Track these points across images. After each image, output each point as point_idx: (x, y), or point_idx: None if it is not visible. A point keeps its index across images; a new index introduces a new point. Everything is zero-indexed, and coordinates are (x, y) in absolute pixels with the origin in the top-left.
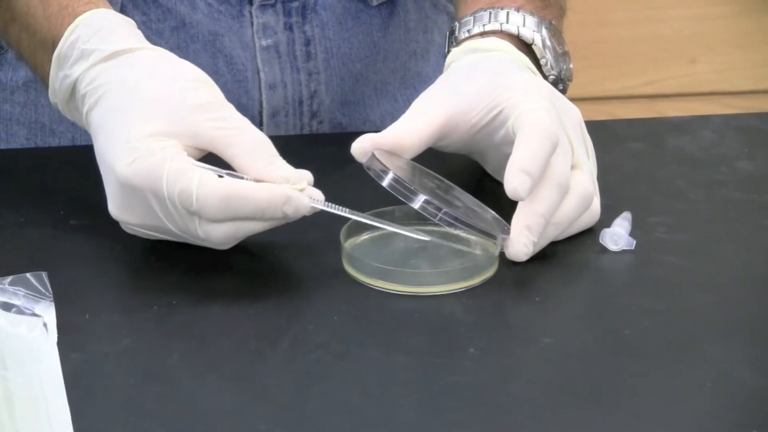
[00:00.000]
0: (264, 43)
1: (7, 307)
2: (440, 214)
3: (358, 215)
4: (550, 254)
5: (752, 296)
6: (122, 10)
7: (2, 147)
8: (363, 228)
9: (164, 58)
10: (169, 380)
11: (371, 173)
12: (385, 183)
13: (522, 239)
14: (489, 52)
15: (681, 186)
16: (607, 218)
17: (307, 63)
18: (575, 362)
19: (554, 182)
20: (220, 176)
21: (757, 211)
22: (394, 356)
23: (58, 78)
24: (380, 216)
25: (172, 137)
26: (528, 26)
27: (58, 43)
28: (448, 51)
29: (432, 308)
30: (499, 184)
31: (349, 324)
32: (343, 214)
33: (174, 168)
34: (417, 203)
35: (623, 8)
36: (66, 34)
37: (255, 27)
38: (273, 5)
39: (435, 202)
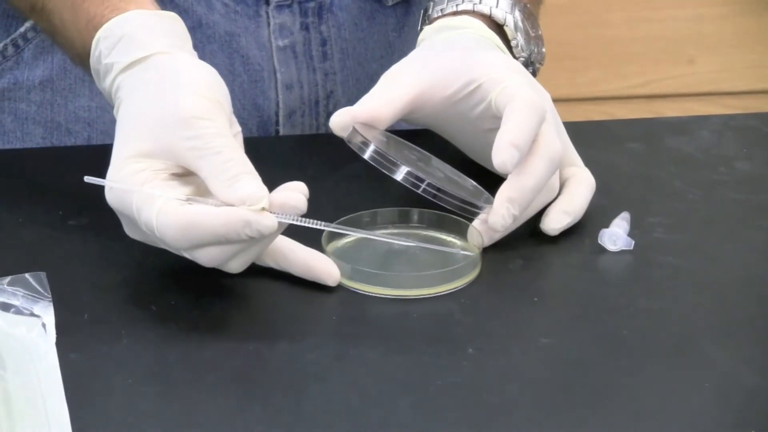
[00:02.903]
0: (280, 43)
1: (6, 307)
2: (423, 186)
3: (331, 227)
4: (548, 254)
5: (750, 296)
6: None
7: (18, 146)
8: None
9: (173, 64)
10: (167, 381)
11: (352, 146)
12: (366, 156)
13: (502, 211)
14: (460, 30)
15: (679, 186)
16: (605, 218)
17: (323, 63)
18: (573, 362)
19: (546, 156)
20: (190, 202)
21: (755, 211)
22: (392, 357)
23: (100, 89)
24: (373, 217)
25: (152, 157)
26: (501, 7)
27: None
28: (421, 29)
29: (430, 309)
30: (472, 164)
31: (346, 324)
32: (314, 227)
33: (139, 197)
34: (399, 175)
35: (621, 9)
36: (92, 49)
37: (271, 27)
38: (289, 5)
39: (417, 173)
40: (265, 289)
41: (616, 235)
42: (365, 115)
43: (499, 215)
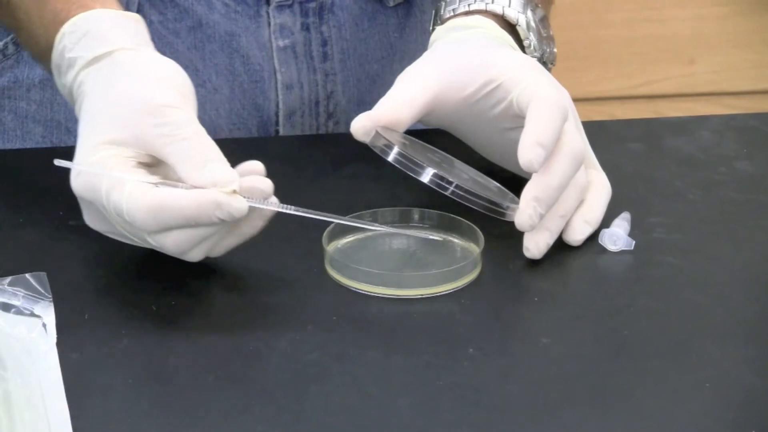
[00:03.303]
0: (281, 43)
1: (7, 307)
2: (452, 188)
3: (301, 211)
4: (548, 254)
5: (751, 296)
6: (139, 10)
7: (18, 145)
8: (346, 231)
9: (139, 58)
10: (168, 381)
11: (375, 150)
12: (390, 158)
13: (528, 210)
14: (472, 29)
15: (679, 186)
16: (605, 219)
17: (323, 63)
18: (574, 362)
19: (569, 154)
20: (159, 186)
21: (755, 211)
22: (393, 357)
23: (59, 86)
24: (373, 217)
25: (120, 145)
26: (513, 7)
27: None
28: (433, 29)
29: (431, 309)
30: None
31: (347, 324)
32: (288, 211)
33: (110, 181)
34: (426, 177)
35: (621, 9)
36: (55, 43)
37: (272, 27)
38: (290, 5)
39: (444, 175)
40: (265, 289)
41: (616, 235)
42: (386, 118)
43: (525, 215)
